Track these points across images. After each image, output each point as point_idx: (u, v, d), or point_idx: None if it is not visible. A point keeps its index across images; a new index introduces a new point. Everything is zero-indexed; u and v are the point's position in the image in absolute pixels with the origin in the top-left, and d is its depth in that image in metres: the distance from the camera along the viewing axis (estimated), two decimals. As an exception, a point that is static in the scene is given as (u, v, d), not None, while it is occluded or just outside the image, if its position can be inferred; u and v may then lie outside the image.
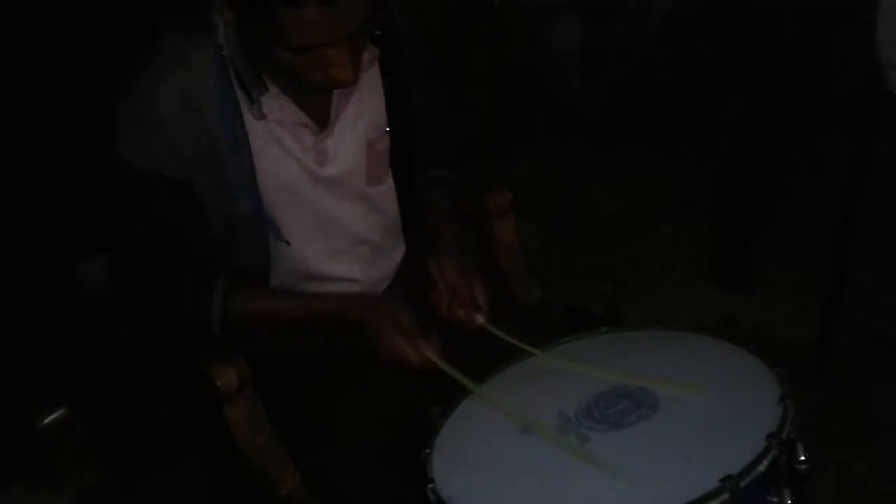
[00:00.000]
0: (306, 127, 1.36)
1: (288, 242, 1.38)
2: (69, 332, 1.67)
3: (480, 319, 1.36)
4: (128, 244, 1.35)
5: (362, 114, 1.40)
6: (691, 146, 2.93)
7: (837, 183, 2.05)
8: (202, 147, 1.29)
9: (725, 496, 0.99)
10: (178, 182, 1.29)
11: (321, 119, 1.37)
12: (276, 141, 1.34)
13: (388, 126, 1.43)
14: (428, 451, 1.18)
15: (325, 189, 1.40)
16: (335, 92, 1.36)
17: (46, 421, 1.25)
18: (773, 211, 2.53)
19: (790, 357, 1.64)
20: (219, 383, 1.32)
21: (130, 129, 1.28)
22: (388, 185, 1.48)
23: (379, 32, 1.29)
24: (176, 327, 1.38)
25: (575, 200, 2.88)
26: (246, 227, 1.35)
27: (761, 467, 1.02)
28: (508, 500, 1.10)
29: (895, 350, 2.09)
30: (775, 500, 1.05)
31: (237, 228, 1.35)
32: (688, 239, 2.65)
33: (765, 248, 2.53)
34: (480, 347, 1.36)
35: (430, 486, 1.12)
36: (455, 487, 1.11)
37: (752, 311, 2.40)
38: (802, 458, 1.10)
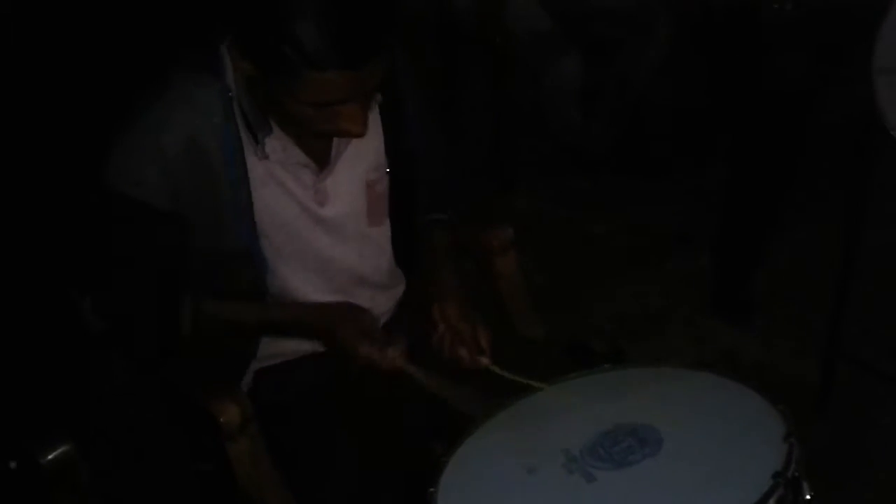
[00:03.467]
0: (307, 167, 1.37)
1: (278, 282, 1.39)
2: (70, 367, 1.67)
3: (485, 361, 1.37)
4: (105, 266, 1.35)
5: (361, 155, 1.41)
6: (691, 180, 2.94)
7: (837, 217, 2.06)
8: (200, 184, 1.31)
9: (732, 536, 0.99)
10: (164, 212, 1.30)
11: (322, 159, 1.38)
12: (276, 181, 1.35)
13: (388, 167, 1.45)
14: (433, 489, 1.18)
15: (324, 229, 1.41)
16: None
17: (49, 457, 1.25)
18: (773, 245, 2.53)
19: (791, 392, 1.63)
20: (222, 419, 1.32)
21: (125, 160, 1.30)
22: (388, 225, 1.49)
23: None
24: (145, 332, 1.37)
25: (575, 235, 2.89)
26: (239, 262, 1.36)
27: (767, 507, 1.02)
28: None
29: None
30: (782, 539, 1.05)
31: (231, 264, 1.36)
32: (689, 273, 2.66)
33: (765, 283, 2.53)
34: (484, 381, 1.36)
35: (435, 525, 1.12)
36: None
37: (753, 347, 2.40)
38: (808, 496, 1.10)
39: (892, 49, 1.71)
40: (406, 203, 1.49)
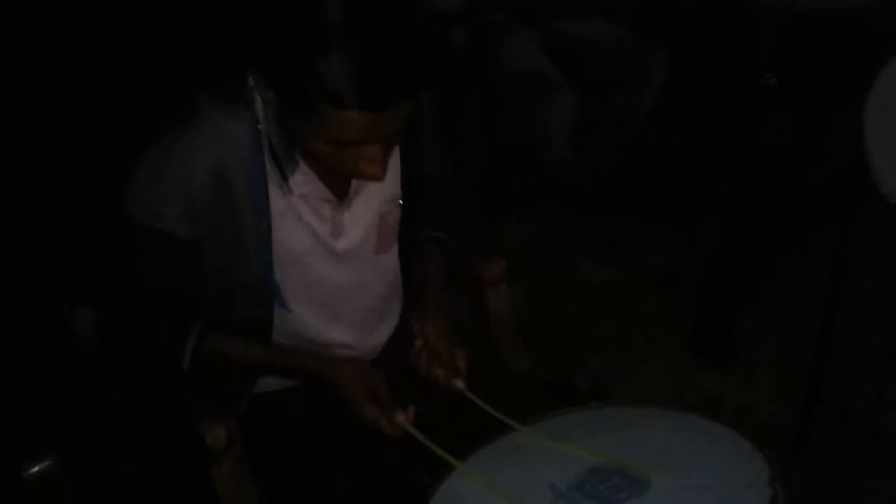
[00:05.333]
0: (328, 201, 1.37)
1: (290, 310, 1.39)
2: (57, 383, 1.66)
3: (459, 384, 1.37)
4: (117, 288, 1.35)
5: (379, 188, 1.40)
6: (679, 220, 2.97)
7: (821, 263, 2.09)
8: (222, 214, 1.30)
9: (717, 579, 1.00)
10: (183, 242, 1.30)
11: (342, 193, 1.38)
12: (295, 214, 1.35)
13: (402, 196, 1.45)
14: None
15: (335, 261, 1.41)
16: None
17: (33, 471, 1.24)
18: (758, 290, 2.56)
19: (770, 437, 1.64)
20: (208, 441, 1.32)
21: (151, 189, 1.28)
22: (393, 252, 1.49)
23: None
24: (148, 361, 1.38)
25: (563, 270, 2.90)
26: (253, 290, 1.36)
27: (752, 550, 1.03)
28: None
29: (874, 435, 2.11)
30: (764, 583, 1.06)
31: (245, 291, 1.35)
32: (673, 313, 2.68)
33: (747, 327, 2.55)
34: (468, 415, 1.36)
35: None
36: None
37: (734, 390, 2.41)
38: (791, 540, 1.11)
39: (881, 133, 1.75)
40: (414, 230, 1.49)
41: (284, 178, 1.30)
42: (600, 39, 2.95)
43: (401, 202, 1.44)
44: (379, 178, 1.26)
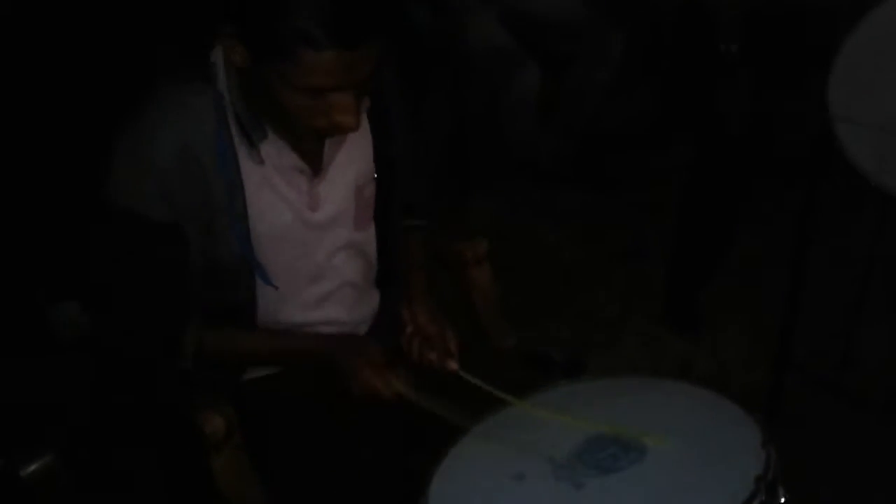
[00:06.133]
0: (301, 172, 1.38)
1: (276, 287, 1.40)
2: (47, 377, 1.64)
3: (453, 365, 1.40)
4: (106, 282, 1.36)
5: (352, 160, 1.43)
6: (644, 195, 3.02)
7: (788, 230, 2.14)
8: (195, 193, 1.31)
9: (720, 537, 1.03)
10: (164, 225, 1.31)
11: (315, 164, 1.39)
12: (271, 187, 1.36)
13: (376, 172, 1.47)
14: (423, 498, 1.20)
15: (315, 234, 1.42)
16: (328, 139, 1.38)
17: (31, 469, 1.24)
18: (725, 259, 2.62)
19: (742, 403, 1.68)
20: (207, 431, 1.33)
21: (123, 172, 1.31)
22: (372, 230, 1.51)
23: None
24: (147, 361, 1.39)
25: (531, 247, 2.93)
26: (234, 270, 1.37)
27: (751, 509, 1.07)
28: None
29: (845, 396, 2.18)
30: (761, 540, 1.10)
31: (225, 271, 1.37)
32: (643, 286, 2.73)
33: (716, 295, 2.61)
34: (459, 391, 1.39)
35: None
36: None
37: (705, 358, 2.47)
38: (783, 500, 1.15)
39: (845, 96, 1.78)
40: (390, 208, 1.51)
41: (253, 145, 1.32)
42: (557, 15, 2.96)
43: (375, 176, 1.46)
44: (353, 127, 1.29)
